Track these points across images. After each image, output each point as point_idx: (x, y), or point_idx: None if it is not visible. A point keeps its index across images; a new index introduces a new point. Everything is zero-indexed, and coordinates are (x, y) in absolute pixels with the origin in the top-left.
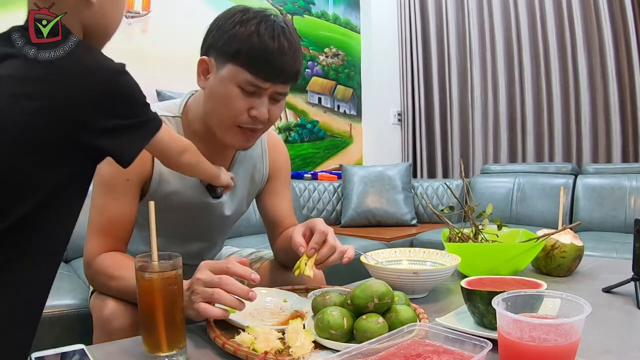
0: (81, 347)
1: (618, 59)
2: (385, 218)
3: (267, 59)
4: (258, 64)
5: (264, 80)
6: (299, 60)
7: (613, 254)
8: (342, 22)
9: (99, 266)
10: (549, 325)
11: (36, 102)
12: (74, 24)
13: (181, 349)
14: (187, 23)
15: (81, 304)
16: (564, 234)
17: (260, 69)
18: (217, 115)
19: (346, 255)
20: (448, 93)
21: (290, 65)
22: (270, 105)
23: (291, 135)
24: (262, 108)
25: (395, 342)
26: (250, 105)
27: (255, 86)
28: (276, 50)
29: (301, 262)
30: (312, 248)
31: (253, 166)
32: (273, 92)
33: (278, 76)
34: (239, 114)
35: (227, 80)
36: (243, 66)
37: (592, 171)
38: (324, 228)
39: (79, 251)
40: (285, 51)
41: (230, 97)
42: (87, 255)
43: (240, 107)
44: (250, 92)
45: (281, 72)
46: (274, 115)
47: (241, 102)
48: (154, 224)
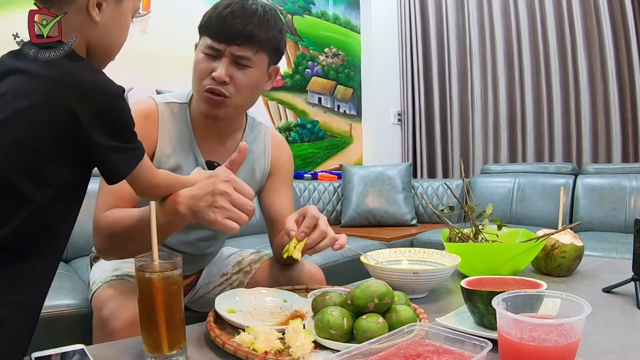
0: (81, 347)
1: (618, 59)
2: (385, 218)
3: (218, 22)
4: (212, 27)
5: (218, 41)
6: (254, 24)
7: (613, 254)
8: (342, 22)
9: (107, 216)
10: (549, 325)
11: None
12: (78, 42)
13: (181, 348)
14: (187, 23)
15: (81, 304)
16: (564, 234)
17: (214, 32)
18: (193, 84)
19: (338, 243)
20: (448, 93)
21: (241, 27)
22: (232, 69)
23: (291, 135)
24: (220, 69)
25: (395, 342)
26: (211, 68)
27: (213, 49)
28: (228, 14)
29: (290, 245)
30: (302, 232)
31: (256, 159)
32: (231, 55)
33: (231, 38)
34: (203, 78)
35: (198, 50)
36: (204, 34)
37: (592, 171)
38: (316, 213)
39: (79, 251)
40: (236, 15)
41: (197, 63)
42: (96, 217)
43: (204, 70)
44: (211, 55)
45: (233, 33)
46: (239, 81)
47: (204, 65)
48: (154, 224)
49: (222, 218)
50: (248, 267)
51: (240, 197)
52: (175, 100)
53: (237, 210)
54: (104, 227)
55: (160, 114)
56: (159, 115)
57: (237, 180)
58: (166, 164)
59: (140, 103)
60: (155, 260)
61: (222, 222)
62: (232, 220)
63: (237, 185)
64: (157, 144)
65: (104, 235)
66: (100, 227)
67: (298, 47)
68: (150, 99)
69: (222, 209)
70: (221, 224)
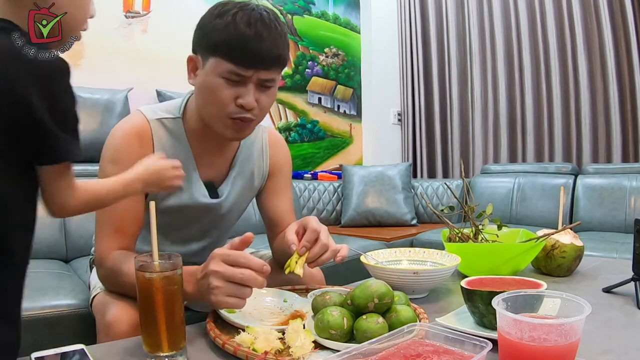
0: (81, 347)
1: (618, 59)
2: (385, 218)
3: (244, 46)
4: (236, 52)
5: (245, 67)
6: (280, 45)
7: (613, 254)
8: (342, 22)
9: (111, 264)
10: (549, 325)
11: None
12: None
13: (181, 349)
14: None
15: (81, 304)
16: (564, 234)
17: (239, 57)
18: (207, 108)
19: (339, 255)
20: (448, 93)
21: (269, 50)
22: (258, 93)
23: (291, 135)
24: (248, 96)
25: (395, 342)
26: (236, 94)
27: (237, 75)
28: (253, 36)
29: (292, 260)
30: (303, 246)
31: (254, 164)
32: (258, 79)
33: (259, 62)
34: (226, 105)
35: (211, 73)
36: (223, 57)
37: (592, 171)
38: (317, 226)
39: (79, 251)
40: (263, 37)
41: (216, 89)
42: (99, 253)
43: (227, 97)
44: (234, 80)
45: (261, 58)
46: (264, 103)
47: (227, 92)
48: (154, 224)
49: (222, 298)
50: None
51: (233, 271)
52: (167, 114)
53: (235, 285)
54: (107, 272)
55: (154, 133)
56: (153, 134)
57: (232, 254)
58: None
59: (130, 121)
60: (155, 260)
61: (224, 302)
62: (231, 296)
63: (228, 259)
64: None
65: (106, 278)
66: (103, 269)
67: (298, 47)
68: (139, 114)
69: (217, 288)
70: (223, 305)
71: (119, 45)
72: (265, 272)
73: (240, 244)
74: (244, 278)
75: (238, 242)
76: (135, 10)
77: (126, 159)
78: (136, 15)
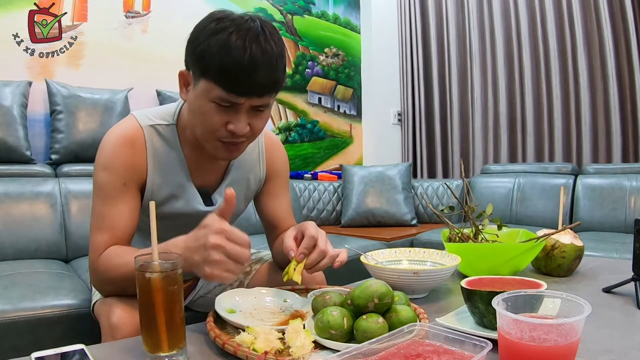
0: (81, 347)
1: (618, 59)
2: (386, 218)
3: (237, 75)
4: (229, 80)
5: (237, 95)
6: (275, 71)
7: (613, 254)
8: (342, 22)
9: (103, 261)
10: (549, 325)
11: None
12: None
13: (181, 349)
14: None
15: (81, 304)
16: (564, 234)
17: (232, 86)
18: (198, 129)
19: (337, 260)
20: (448, 93)
21: (264, 78)
22: (251, 118)
23: (291, 135)
24: (240, 123)
25: (395, 342)
26: (227, 120)
27: (229, 102)
28: (248, 64)
29: (290, 267)
30: (301, 253)
31: (249, 170)
32: (250, 106)
33: (252, 91)
34: (216, 129)
35: (202, 96)
36: (215, 82)
37: (592, 171)
38: (314, 232)
39: (79, 251)
40: (258, 63)
41: (206, 113)
42: (92, 255)
43: (217, 122)
44: (226, 106)
45: (255, 86)
46: (257, 127)
47: (217, 117)
48: (154, 224)
49: (219, 272)
50: (248, 267)
51: (235, 248)
52: (161, 121)
53: (232, 262)
54: (99, 272)
55: (148, 139)
56: (146, 141)
57: (229, 229)
58: (158, 196)
59: (123, 127)
60: (155, 260)
61: (218, 275)
62: (228, 272)
63: (230, 235)
64: (147, 174)
65: (100, 280)
66: (95, 271)
67: (298, 47)
68: (132, 120)
69: (217, 262)
70: (217, 278)
71: (119, 45)
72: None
73: (226, 206)
74: (242, 256)
75: (224, 204)
76: (135, 10)
77: (118, 166)
78: (136, 15)
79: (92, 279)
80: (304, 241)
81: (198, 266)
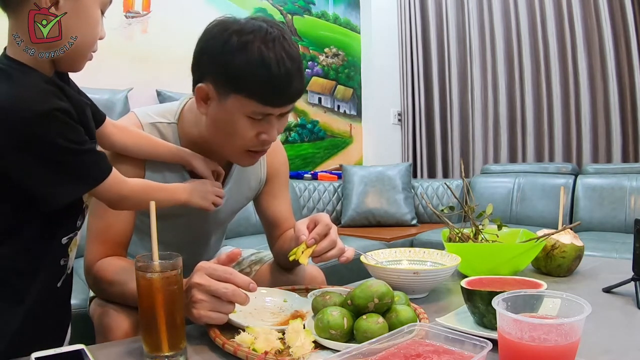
0: (81, 347)
1: (618, 59)
2: (386, 218)
3: (275, 88)
4: (267, 94)
5: (273, 107)
6: (303, 75)
7: (613, 254)
8: (342, 22)
9: (98, 272)
10: (549, 325)
11: None
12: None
13: (181, 349)
14: (187, 23)
15: (81, 304)
16: (564, 234)
17: (271, 100)
18: (224, 142)
19: (344, 255)
20: (448, 93)
21: (297, 86)
22: (278, 124)
23: (291, 135)
24: (273, 133)
25: (395, 342)
26: (259, 130)
27: (263, 114)
28: (284, 77)
29: (298, 249)
30: (313, 238)
31: (250, 171)
32: (280, 113)
33: (288, 101)
34: (248, 141)
35: (234, 111)
36: (251, 97)
37: (592, 171)
38: (328, 222)
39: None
40: (292, 74)
41: (239, 128)
42: (87, 261)
43: (250, 134)
44: (259, 118)
45: (292, 97)
46: (281, 131)
47: (251, 130)
48: (154, 224)
49: (205, 312)
50: (248, 268)
51: (216, 284)
52: (162, 119)
53: (218, 300)
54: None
55: None
56: None
57: (211, 267)
58: None
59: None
60: (155, 260)
61: (205, 316)
62: (214, 311)
63: (214, 273)
64: (145, 170)
65: (94, 287)
66: (90, 278)
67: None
68: (133, 117)
69: (200, 302)
70: (205, 319)
71: (119, 45)
72: (251, 290)
73: (227, 260)
74: (227, 293)
75: (225, 257)
76: (135, 10)
77: (118, 164)
78: (136, 15)
79: (87, 282)
80: (318, 227)
81: (187, 310)
